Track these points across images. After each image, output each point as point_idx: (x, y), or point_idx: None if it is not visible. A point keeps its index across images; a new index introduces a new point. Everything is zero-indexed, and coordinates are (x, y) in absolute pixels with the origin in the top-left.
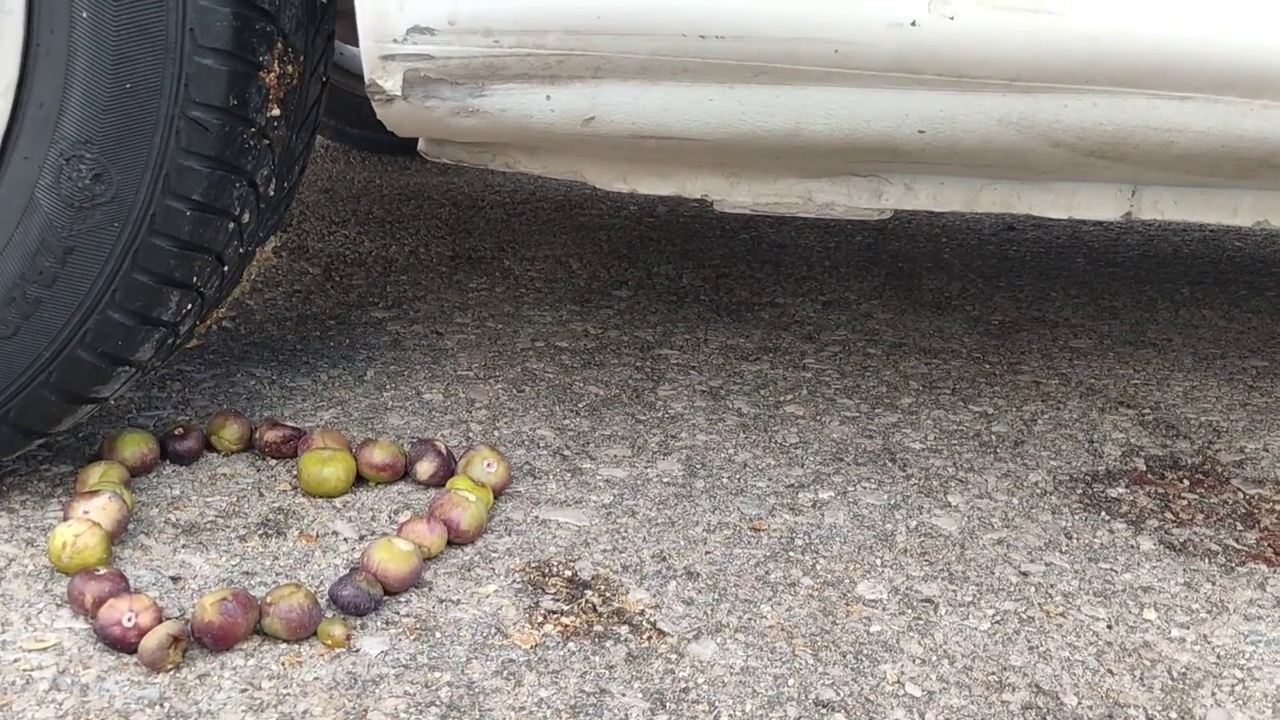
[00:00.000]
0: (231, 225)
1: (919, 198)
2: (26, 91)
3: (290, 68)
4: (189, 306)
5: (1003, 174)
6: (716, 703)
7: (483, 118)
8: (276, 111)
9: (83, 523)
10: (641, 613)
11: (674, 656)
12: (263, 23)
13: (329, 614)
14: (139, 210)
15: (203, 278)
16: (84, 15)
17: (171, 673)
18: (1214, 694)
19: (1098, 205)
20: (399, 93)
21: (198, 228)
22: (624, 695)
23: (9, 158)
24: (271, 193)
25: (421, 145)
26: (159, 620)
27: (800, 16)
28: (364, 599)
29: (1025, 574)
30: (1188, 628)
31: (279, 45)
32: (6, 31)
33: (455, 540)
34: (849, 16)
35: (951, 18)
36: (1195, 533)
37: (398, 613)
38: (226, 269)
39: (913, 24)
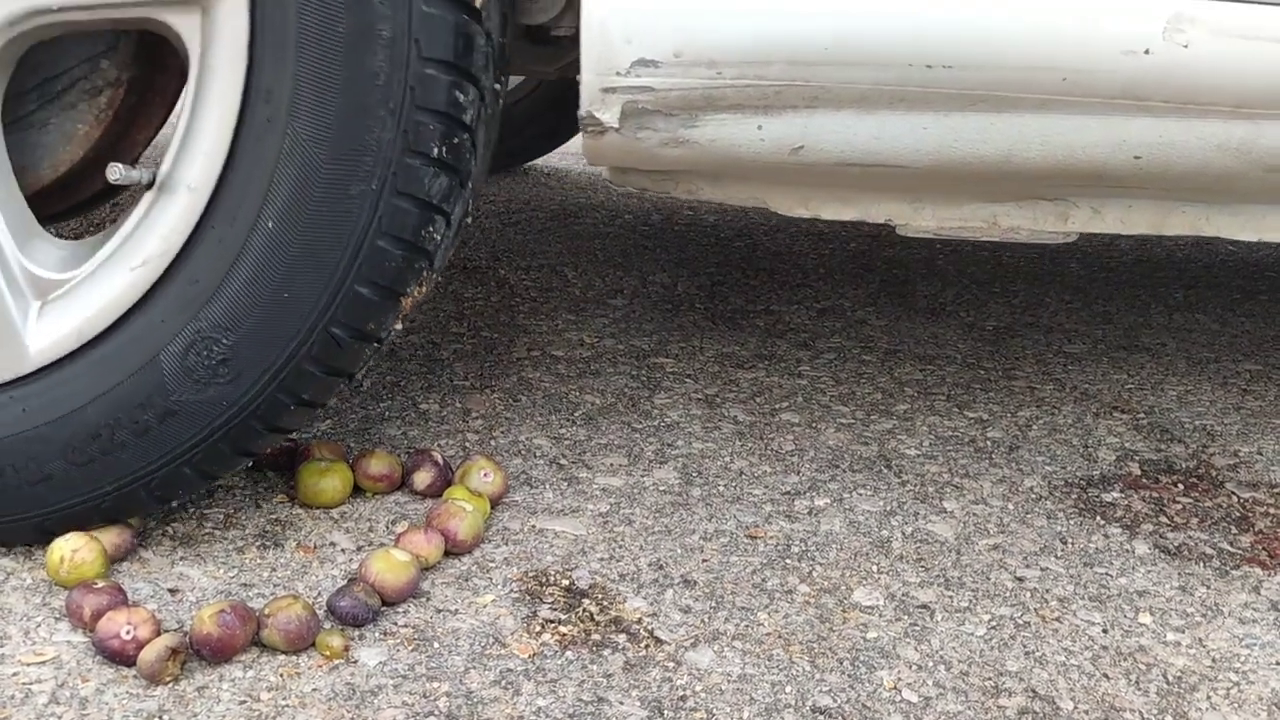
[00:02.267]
0: (318, 411)
1: (1105, 221)
2: (182, 266)
3: (425, 287)
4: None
5: (1196, 197)
6: (714, 710)
7: (691, 148)
8: (415, 302)
9: (81, 537)
10: (639, 621)
11: (671, 665)
12: (421, 262)
13: (327, 625)
14: (250, 398)
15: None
16: (269, 225)
17: (170, 685)
18: (1209, 697)
19: None
20: (615, 125)
21: (293, 418)
22: (622, 704)
23: (142, 318)
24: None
25: (606, 172)
26: (157, 633)
27: (1032, 46)
28: (362, 609)
29: (1021, 579)
30: (1183, 631)
31: (424, 274)
32: (184, 210)
33: (453, 550)
34: (1082, 45)
35: (1186, 46)
36: (1190, 537)
37: (395, 623)
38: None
39: (1146, 52)
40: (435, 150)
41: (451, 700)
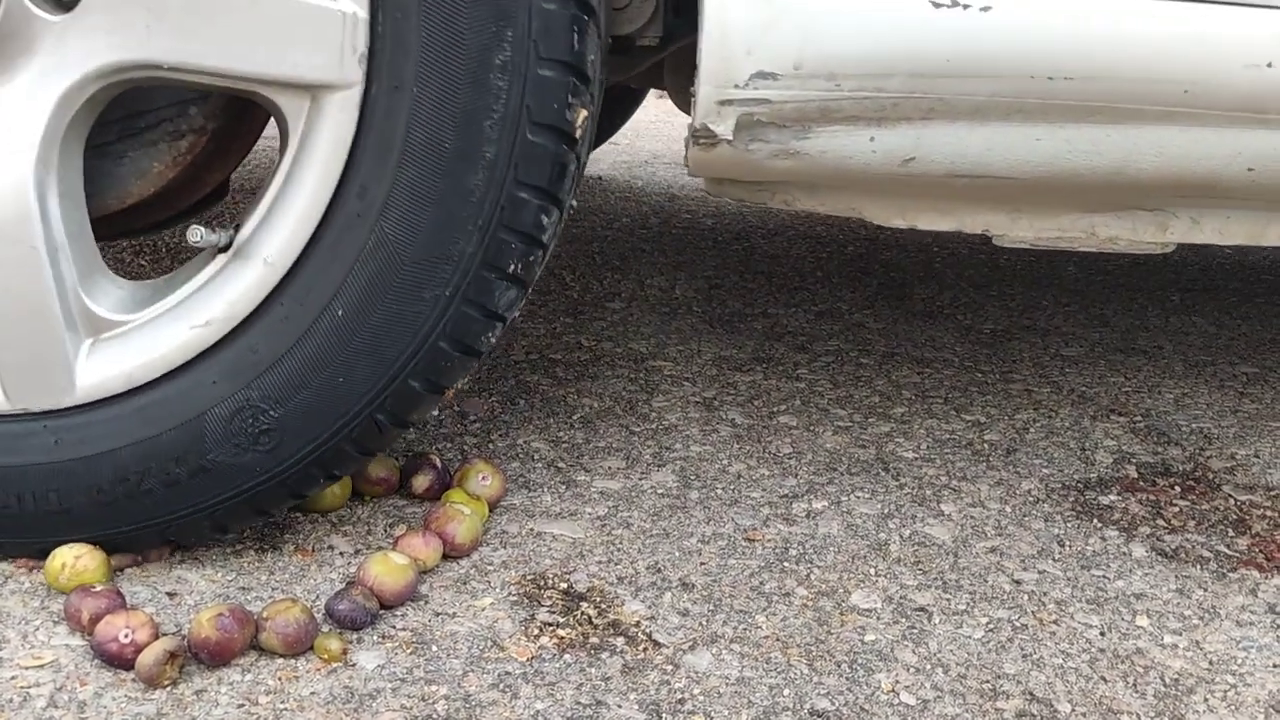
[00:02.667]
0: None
1: (1204, 231)
2: (243, 334)
3: (466, 381)
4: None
5: None
6: (712, 713)
7: (800, 159)
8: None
9: (84, 546)
10: (637, 624)
11: (669, 668)
12: (473, 361)
13: (325, 628)
14: (283, 469)
15: None
16: (339, 313)
17: (168, 688)
18: (1206, 700)
19: None
20: (729, 137)
21: (318, 487)
22: (620, 707)
23: (194, 375)
24: None
25: (704, 183)
26: (156, 636)
27: (1156, 59)
28: (360, 613)
29: (1018, 582)
30: (1180, 634)
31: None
32: (256, 281)
33: (451, 553)
34: (1206, 59)
35: None
36: (1187, 539)
37: (394, 626)
38: None
39: (1269, 65)
40: (511, 266)
41: (450, 703)
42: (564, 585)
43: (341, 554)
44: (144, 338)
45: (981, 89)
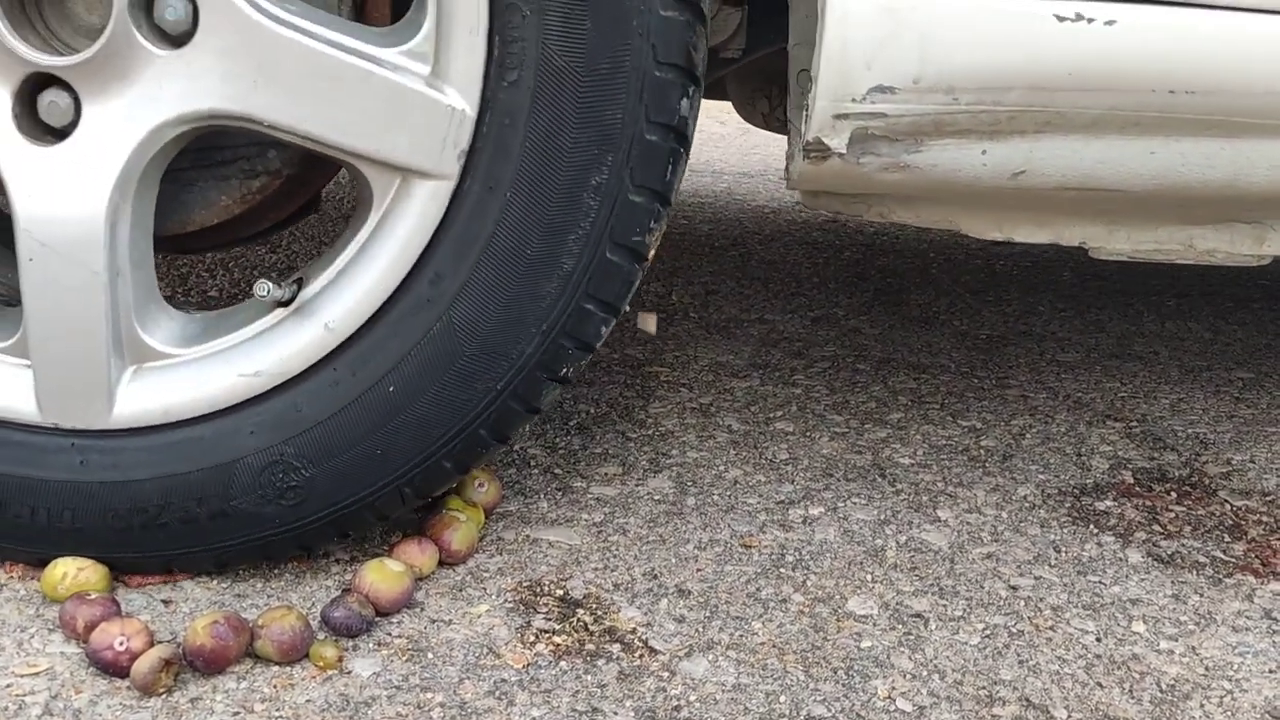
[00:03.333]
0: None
1: None
2: (289, 390)
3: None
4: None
5: None
6: None
7: (909, 172)
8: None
9: (86, 559)
10: (633, 631)
11: (666, 674)
12: (504, 446)
13: (321, 635)
14: (301, 524)
15: None
16: (390, 389)
17: (164, 696)
18: (1202, 705)
19: None
20: (843, 151)
21: (325, 544)
22: (616, 714)
23: (233, 421)
24: None
25: (799, 195)
26: (151, 644)
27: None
28: (356, 620)
29: (1015, 588)
30: (1176, 640)
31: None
32: (312, 342)
33: (447, 560)
34: None
35: None
36: (1183, 545)
37: (389, 634)
38: None
39: None
40: (563, 370)
41: (445, 711)
42: (560, 592)
43: (337, 561)
44: (189, 374)
45: (1101, 102)
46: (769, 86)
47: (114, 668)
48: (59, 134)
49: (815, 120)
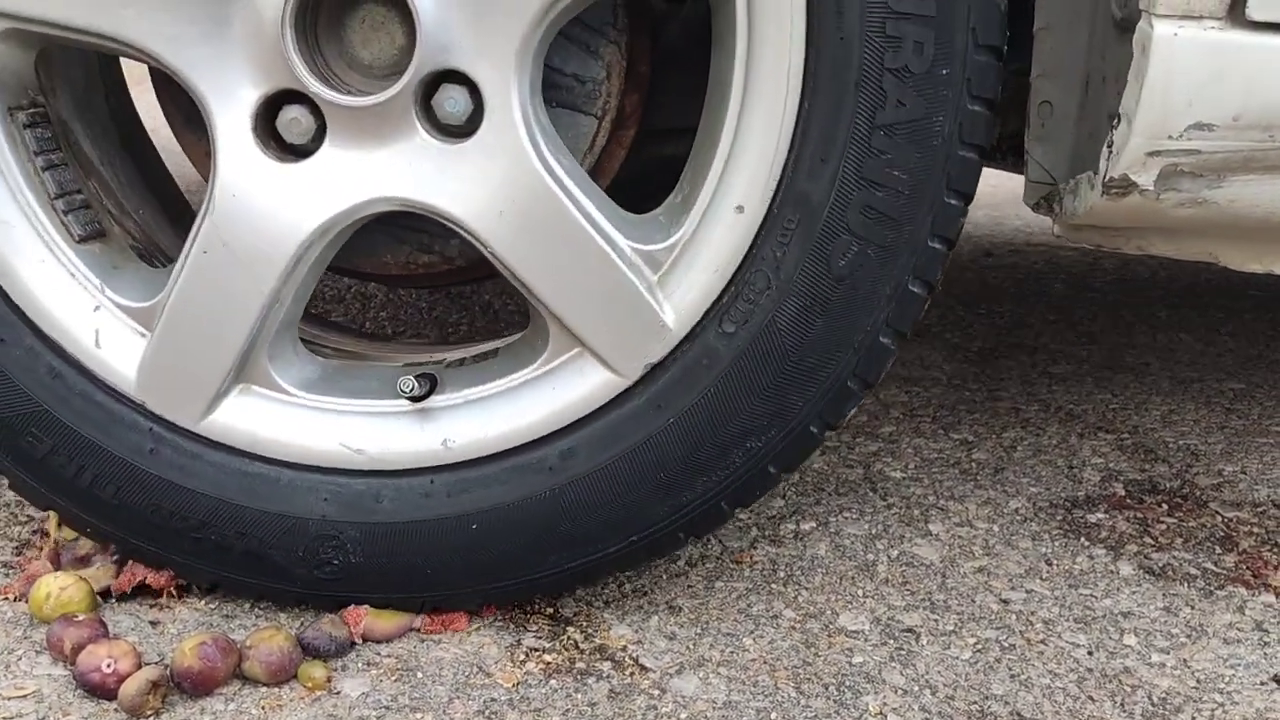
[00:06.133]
0: None
1: None
2: (385, 483)
3: None
4: None
5: None
6: None
7: (1205, 208)
8: None
9: (69, 576)
10: (624, 648)
11: (656, 692)
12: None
13: (309, 656)
14: (319, 594)
15: None
16: (472, 528)
17: (152, 719)
18: (1194, 718)
19: None
20: (1149, 187)
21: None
22: None
23: (313, 482)
24: None
25: (1058, 228)
26: (138, 666)
27: None
28: (326, 642)
29: (1006, 601)
30: (1167, 653)
31: None
32: (421, 448)
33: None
34: None
35: None
36: (1174, 557)
37: (379, 653)
38: None
39: None
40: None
41: None
42: (550, 610)
43: None
44: (293, 417)
45: None
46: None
47: (102, 690)
48: (286, 148)
49: (1125, 157)
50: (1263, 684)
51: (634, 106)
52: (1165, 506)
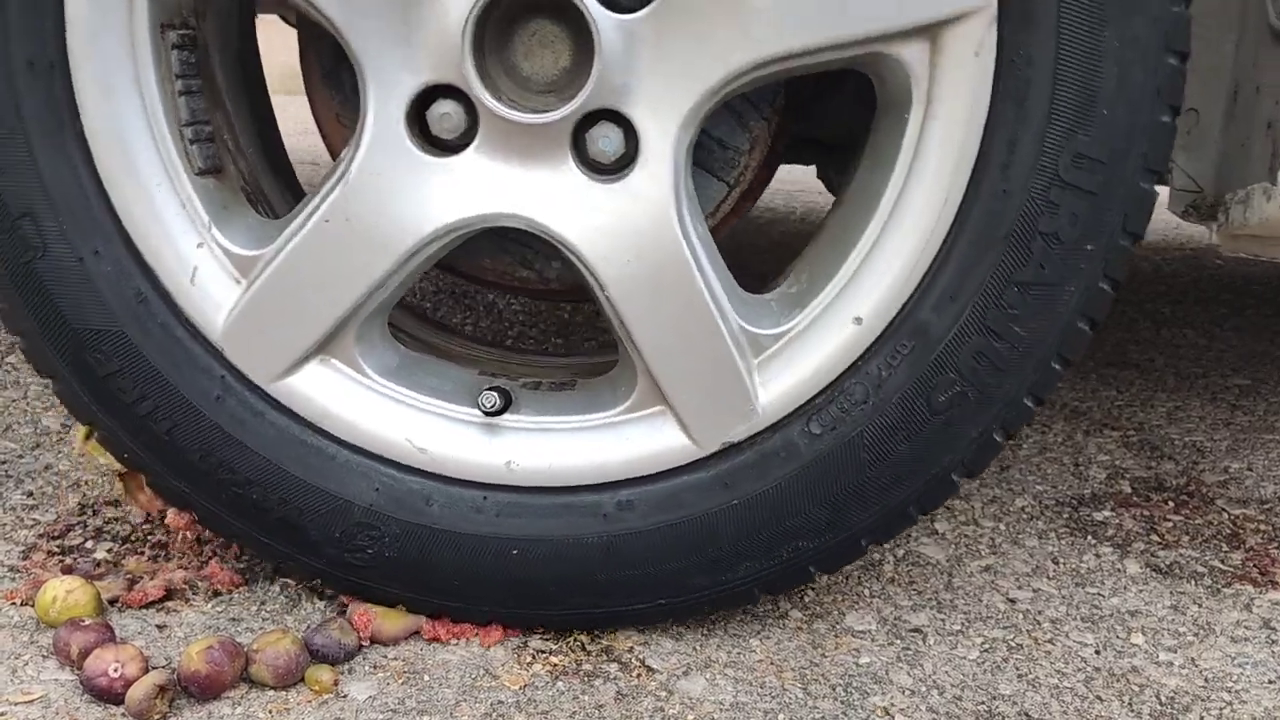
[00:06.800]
0: None
1: None
2: (437, 488)
3: None
4: None
5: None
6: None
7: None
8: None
9: (76, 580)
10: (630, 650)
11: (663, 694)
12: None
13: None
14: (334, 573)
15: None
16: (513, 553)
17: None
18: (1202, 717)
19: None
20: None
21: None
22: None
23: (368, 468)
24: None
25: (1216, 237)
26: (145, 670)
27: None
28: (334, 647)
29: (1013, 601)
30: (1175, 651)
31: None
32: (481, 461)
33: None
34: None
35: None
36: (1181, 555)
37: (385, 656)
38: None
39: None
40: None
41: None
42: None
43: None
44: (362, 399)
45: None
46: None
47: (108, 695)
48: (431, 141)
49: None
50: (1271, 682)
51: (761, 181)
52: (1172, 504)
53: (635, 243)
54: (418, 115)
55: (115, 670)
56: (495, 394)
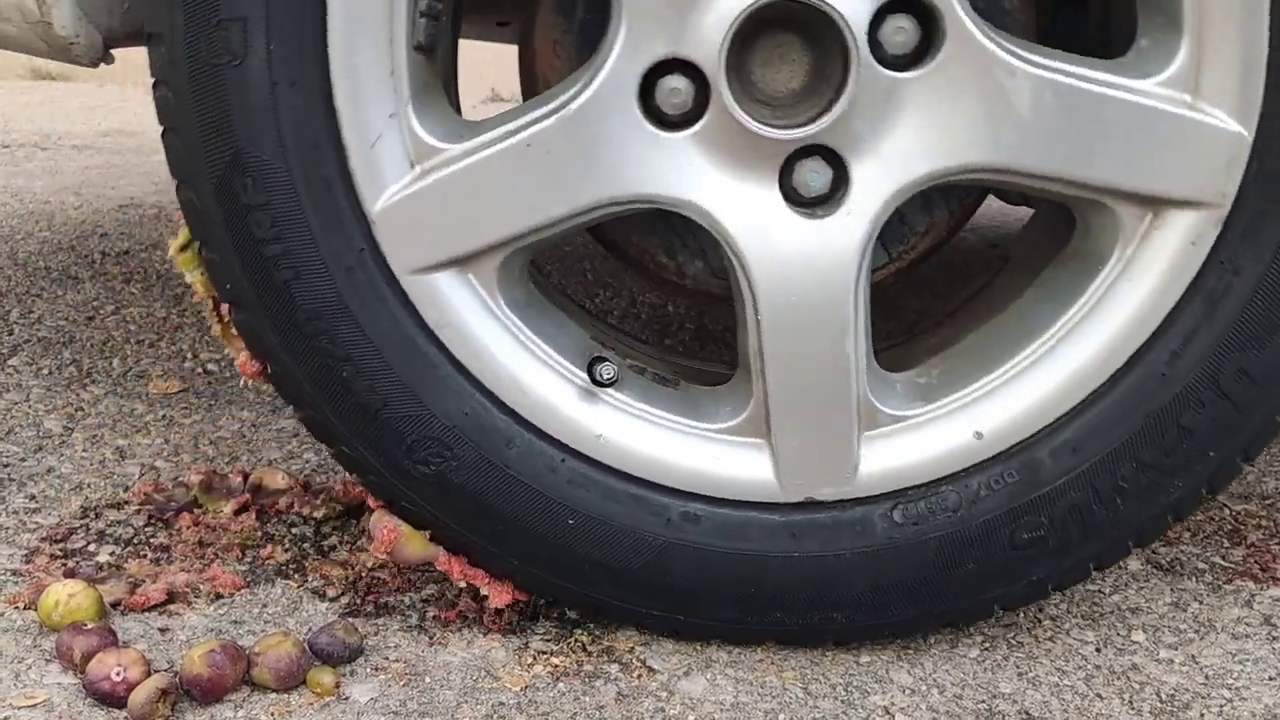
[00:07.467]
0: None
1: None
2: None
3: None
4: None
5: None
6: None
7: None
8: None
9: (78, 583)
10: (631, 650)
11: (664, 694)
12: None
13: (318, 662)
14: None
15: None
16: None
17: None
18: (1203, 715)
19: None
20: None
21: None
22: None
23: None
24: None
25: None
26: (148, 674)
27: None
28: (339, 647)
29: None
30: (1176, 648)
31: None
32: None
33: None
34: None
35: None
36: (1182, 551)
37: (387, 658)
38: None
39: None
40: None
41: None
42: (557, 613)
43: (332, 584)
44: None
45: None
46: None
47: (111, 698)
48: (660, 117)
49: None
50: (1271, 679)
51: (916, 264)
52: None
53: (807, 280)
54: (650, 82)
55: (118, 674)
56: (609, 365)
